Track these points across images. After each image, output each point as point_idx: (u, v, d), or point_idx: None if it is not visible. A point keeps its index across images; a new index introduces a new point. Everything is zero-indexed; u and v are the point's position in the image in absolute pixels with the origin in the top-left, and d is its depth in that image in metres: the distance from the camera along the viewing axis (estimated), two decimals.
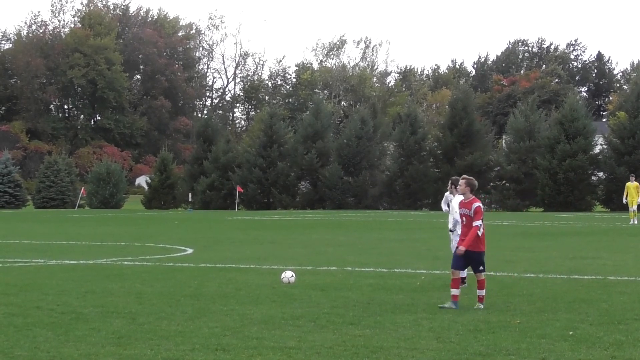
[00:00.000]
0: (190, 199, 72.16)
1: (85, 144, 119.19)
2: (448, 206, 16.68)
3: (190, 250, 25.08)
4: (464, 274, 16.34)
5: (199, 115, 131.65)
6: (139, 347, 10.11)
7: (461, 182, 13.61)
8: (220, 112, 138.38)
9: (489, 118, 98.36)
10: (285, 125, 79.00)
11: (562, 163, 64.82)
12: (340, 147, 73.70)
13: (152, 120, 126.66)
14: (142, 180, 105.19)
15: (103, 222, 45.67)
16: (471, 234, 13.15)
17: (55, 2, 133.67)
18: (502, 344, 10.24)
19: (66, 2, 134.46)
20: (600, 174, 67.07)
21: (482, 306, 13.24)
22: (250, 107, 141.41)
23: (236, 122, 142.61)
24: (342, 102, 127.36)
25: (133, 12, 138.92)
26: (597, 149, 68.11)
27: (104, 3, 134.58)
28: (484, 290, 13.38)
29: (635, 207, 40.52)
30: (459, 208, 13.57)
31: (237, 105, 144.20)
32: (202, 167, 75.32)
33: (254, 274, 18.40)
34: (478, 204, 13.26)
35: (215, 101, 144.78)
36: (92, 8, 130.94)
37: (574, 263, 20.66)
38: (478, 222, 13.11)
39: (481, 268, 13.35)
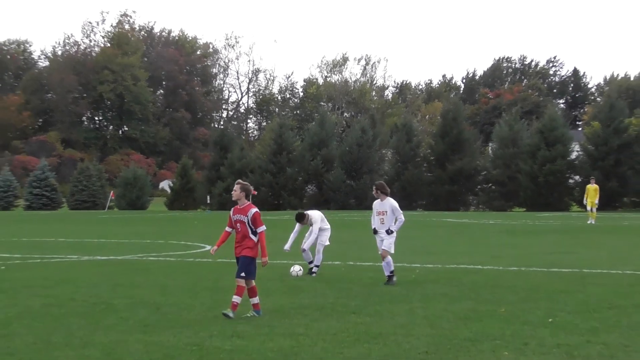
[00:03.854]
0: (208, 201, 72.17)
1: (114, 152, 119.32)
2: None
3: (208, 247, 25.06)
4: (387, 272, 15.20)
5: (216, 125, 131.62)
6: (163, 335, 10.13)
7: (236, 187, 11.57)
8: (235, 123, 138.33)
9: (476, 127, 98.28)
10: (293, 135, 79.03)
11: (542, 168, 64.74)
12: (343, 154, 73.64)
13: (174, 131, 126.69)
14: (165, 184, 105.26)
15: (130, 222, 45.68)
16: (262, 243, 11.49)
17: (86, 24, 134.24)
18: (489, 330, 10.23)
19: (97, 24, 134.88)
20: (577, 177, 66.94)
21: (255, 313, 11.45)
22: (262, 118, 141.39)
23: (249, 131, 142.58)
24: (345, 114, 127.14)
25: (157, 33, 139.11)
26: (573, 155, 68.00)
27: (131, 25, 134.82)
28: (256, 298, 11.57)
29: (594, 209, 40.18)
30: (233, 214, 11.60)
31: (250, 116, 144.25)
32: (219, 172, 75.31)
33: (265, 268, 18.35)
34: (255, 210, 11.44)
35: (231, 113, 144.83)
36: (120, 29, 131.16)
37: (553, 257, 20.61)
38: (263, 228, 11.43)
39: (243, 274, 11.33)
